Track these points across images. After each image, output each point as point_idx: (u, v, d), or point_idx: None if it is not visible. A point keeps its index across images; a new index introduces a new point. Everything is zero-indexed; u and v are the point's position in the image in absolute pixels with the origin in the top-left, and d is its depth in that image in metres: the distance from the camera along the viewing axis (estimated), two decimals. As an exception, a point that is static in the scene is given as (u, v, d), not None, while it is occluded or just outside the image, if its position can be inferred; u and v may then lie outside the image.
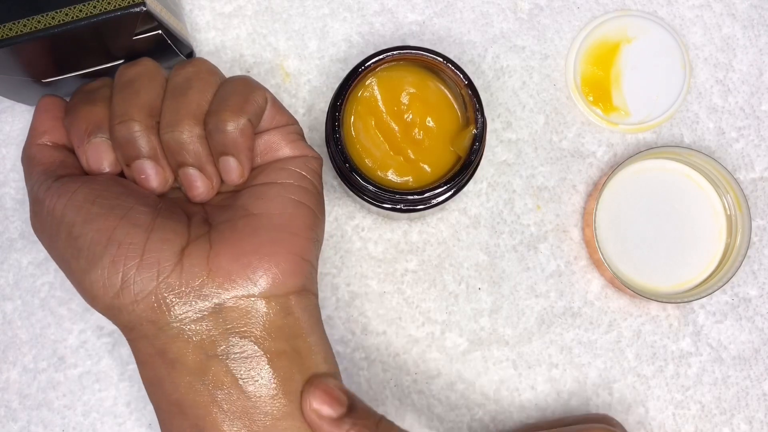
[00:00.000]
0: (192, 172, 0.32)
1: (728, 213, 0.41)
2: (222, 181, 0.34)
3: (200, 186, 0.32)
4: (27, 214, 0.41)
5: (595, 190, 0.41)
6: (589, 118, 0.43)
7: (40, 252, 0.41)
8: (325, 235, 0.41)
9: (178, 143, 0.31)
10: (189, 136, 0.31)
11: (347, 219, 0.41)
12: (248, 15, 0.43)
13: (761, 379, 0.41)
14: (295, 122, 0.35)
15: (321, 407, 0.30)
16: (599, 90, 0.43)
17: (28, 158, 0.34)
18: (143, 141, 0.31)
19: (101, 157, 0.32)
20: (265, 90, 0.34)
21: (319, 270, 0.41)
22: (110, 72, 0.35)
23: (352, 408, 0.30)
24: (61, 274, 0.41)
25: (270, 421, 0.30)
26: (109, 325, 0.41)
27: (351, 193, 0.37)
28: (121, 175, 0.33)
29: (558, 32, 0.43)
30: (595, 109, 0.43)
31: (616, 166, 0.40)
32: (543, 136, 0.42)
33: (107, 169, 0.32)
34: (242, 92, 0.32)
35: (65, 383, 0.40)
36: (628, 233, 0.41)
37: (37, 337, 0.40)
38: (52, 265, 0.41)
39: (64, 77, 0.36)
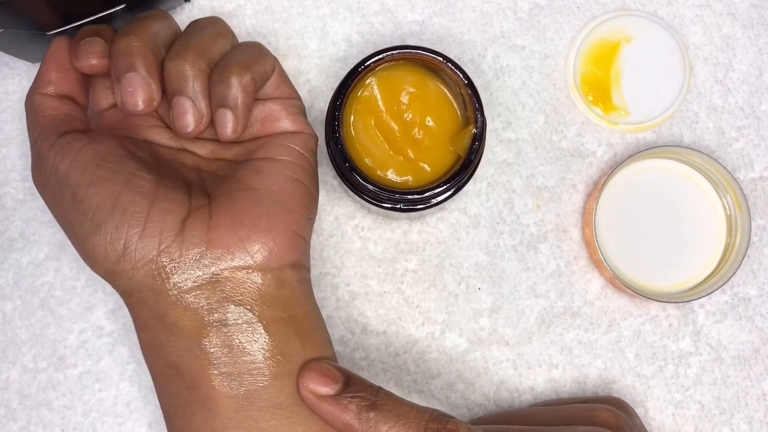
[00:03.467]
0: (185, 101, 0.32)
1: (728, 213, 0.41)
2: (211, 141, 0.35)
3: (189, 117, 0.32)
4: (28, 214, 0.41)
5: (595, 189, 0.41)
6: (588, 118, 0.43)
7: (40, 252, 0.41)
8: (325, 235, 0.41)
9: (178, 71, 0.32)
10: (191, 67, 0.32)
11: (347, 219, 0.41)
12: (248, 14, 0.43)
13: (761, 379, 0.41)
14: (298, 97, 0.36)
15: (317, 387, 0.31)
16: (599, 90, 0.43)
17: (31, 106, 0.34)
18: (139, 58, 0.32)
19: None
20: (275, 59, 0.35)
21: (319, 270, 0.41)
22: (111, 18, 0.37)
23: (349, 382, 0.31)
24: (61, 274, 0.41)
25: (268, 380, 0.31)
26: (109, 325, 0.41)
27: (351, 192, 0.37)
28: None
29: (558, 32, 0.43)
30: (595, 109, 0.43)
31: (615, 166, 0.40)
32: (543, 135, 0.42)
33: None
34: (251, 53, 0.34)
35: (65, 383, 0.40)
36: (628, 233, 0.41)
37: (37, 336, 0.40)
38: (52, 265, 0.41)
39: (67, 28, 0.37)
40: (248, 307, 0.31)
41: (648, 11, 0.43)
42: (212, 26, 0.34)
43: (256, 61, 0.33)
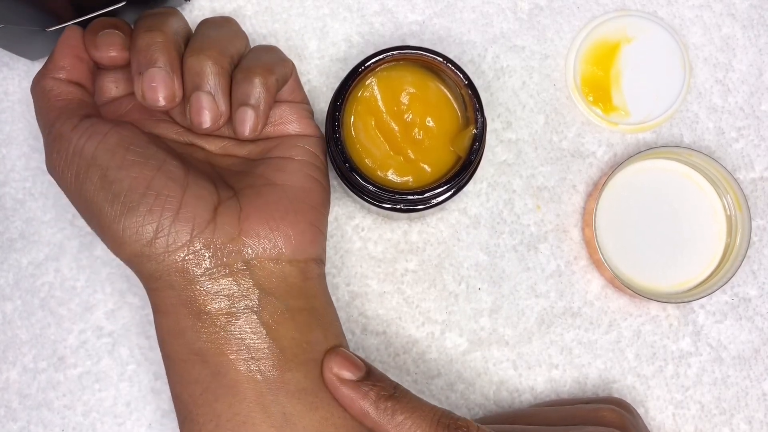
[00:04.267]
0: (204, 96, 0.32)
1: (728, 213, 0.41)
2: (221, 138, 0.36)
3: (207, 113, 0.32)
4: (28, 214, 0.41)
5: (595, 190, 0.41)
6: (589, 118, 0.43)
7: (40, 252, 0.41)
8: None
9: (201, 67, 0.32)
10: (213, 64, 0.32)
11: (347, 219, 0.41)
12: (248, 15, 0.43)
13: (761, 379, 0.41)
14: (308, 102, 0.37)
15: (341, 371, 0.32)
16: (599, 90, 0.43)
17: (42, 90, 0.34)
18: (163, 53, 0.32)
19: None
20: (293, 64, 0.36)
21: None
22: (111, 15, 0.37)
23: (370, 373, 0.32)
24: (61, 274, 0.41)
25: (294, 365, 0.31)
26: (108, 326, 0.41)
27: (351, 193, 0.37)
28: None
29: (558, 32, 0.43)
30: (595, 109, 0.43)
31: (616, 166, 0.40)
32: (543, 136, 0.42)
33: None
34: (273, 56, 0.35)
35: (65, 383, 0.40)
36: (628, 233, 0.41)
37: (37, 337, 0.40)
38: (52, 266, 0.41)
39: (66, 25, 0.37)
40: (277, 296, 0.32)
41: (648, 12, 0.43)
42: (228, 26, 0.35)
43: (278, 64, 0.34)
